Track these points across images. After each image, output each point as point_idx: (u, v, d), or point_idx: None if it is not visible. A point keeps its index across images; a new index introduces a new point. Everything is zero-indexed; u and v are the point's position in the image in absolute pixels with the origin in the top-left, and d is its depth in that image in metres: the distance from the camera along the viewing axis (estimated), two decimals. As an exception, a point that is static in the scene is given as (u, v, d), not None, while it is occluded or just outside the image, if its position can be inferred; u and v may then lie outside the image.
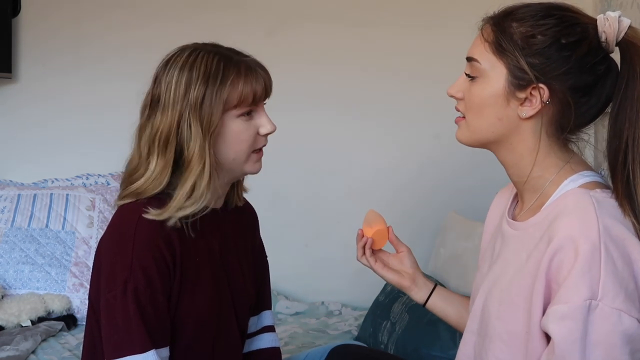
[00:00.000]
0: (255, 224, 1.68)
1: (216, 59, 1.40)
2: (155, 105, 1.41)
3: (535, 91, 1.21)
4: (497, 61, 1.22)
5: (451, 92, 1.30)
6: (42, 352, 2.18)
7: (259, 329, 1.69)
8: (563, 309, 1.09)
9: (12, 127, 2.92)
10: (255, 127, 1.44)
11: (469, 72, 1.26)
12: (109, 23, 2.91)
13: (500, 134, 1.25)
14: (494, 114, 1.24)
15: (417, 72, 2.86)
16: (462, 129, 1.30)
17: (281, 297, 2.80)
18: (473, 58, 1.25)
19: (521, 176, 1.27)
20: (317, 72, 2.91)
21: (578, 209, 1.15)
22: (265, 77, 1.45)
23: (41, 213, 2.68)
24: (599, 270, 1.08)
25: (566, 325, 1.09)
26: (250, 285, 1.60)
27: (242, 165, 1.45)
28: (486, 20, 1.26)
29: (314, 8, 2.93)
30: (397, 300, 2.23)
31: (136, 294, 1.33)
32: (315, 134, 2.91)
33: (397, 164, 2.92)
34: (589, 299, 1.08)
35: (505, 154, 1.27)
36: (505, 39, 1.21)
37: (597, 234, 1.10)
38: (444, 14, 2.76)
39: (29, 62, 2.91)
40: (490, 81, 1.23)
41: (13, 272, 2.53)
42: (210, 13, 2.90)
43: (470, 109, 1.27)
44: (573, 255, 1.10)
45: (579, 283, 1.08)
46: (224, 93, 1.38)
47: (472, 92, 1.26)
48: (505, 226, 1.32)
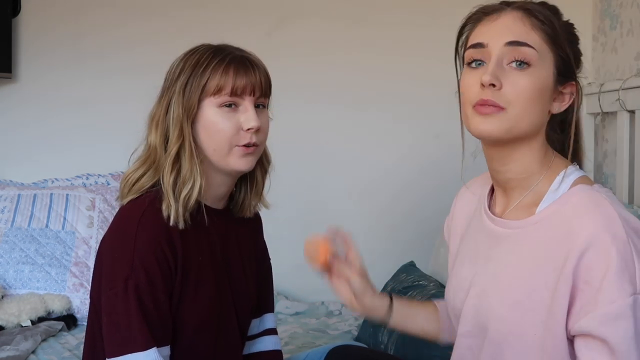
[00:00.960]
0: (259, 227, 1.68)
1: (211, 50, 1.44)
2: (160, 94, 1.48)
3: (570, 87, 1.22)
4: (549, 51, 1.18)
5: (492, 79, 1.15)
6: (42, 352, 2.18)
7: (261, 332, 1.69)
8: (612, 310, 1.08)
9: (12, 127, 2.91)
10: (238, 120, 1.43)
11: (519, 59, 1.16)
12: (109, 23, 2.91)
13: (536, 128, 1.20)
14: (541, 107, 1.19)
15: (418, 71, 2.86)
16: (499, 120, 1.16)
17: (281, 297, 2.80)
18: (527, 44, 1.16)
19: (520, 173, 1.23)
20: (317, 72, 2.91)
21: (596, 206, 1.13)
22: (257, 73, 1.45)
23: (41, 213, 2.68)
24: (633, 264, 1.09)
25: (621, 325, 1.08)
26: (252, 287, 1.59)
27: (224, 158, 1.44)
28: (519, 6, 1.20)
29: (314, 6, 2.94)
30: (397, 300, 2.23)
31: (137, 291, 1.33)
32: (316, 133, 2.91)
33: (398, 164, 2.92)
34: (633, 294, 1.08)
35: (524, 151, 1.21)
36: (555, 30, 1.19)
37: (622, 229, 1.10)
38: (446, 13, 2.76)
39: (29, 61, 2.91)
40: (543, 71, 1.18)
41: (13, 272, 2.53)
42: (210, 10, 2.90)
43: (519, 100, 1.16)
44: (605, 254, 1.09)
45: (621, 280, 1.08)
46: (202, 79, 1.41)
47: (525, 81, 1.16)
48: (490, 225, 1.28)
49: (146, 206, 1.39)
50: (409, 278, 2.35)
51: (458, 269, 1.35)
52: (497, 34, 1.18)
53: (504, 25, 1.18)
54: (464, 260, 1.34)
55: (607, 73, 2.78)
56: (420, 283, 2.28)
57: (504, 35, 1.18)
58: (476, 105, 1.17)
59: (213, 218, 1.48)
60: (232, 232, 1.55)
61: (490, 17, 1.21)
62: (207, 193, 1.46)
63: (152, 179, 1.43)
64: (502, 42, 1.17)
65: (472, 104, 1.18)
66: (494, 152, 1.24)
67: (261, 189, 1.57)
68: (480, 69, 1.19)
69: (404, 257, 2.59)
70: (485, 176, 1.37)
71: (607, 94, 2.59)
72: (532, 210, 1.22)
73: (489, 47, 1.18)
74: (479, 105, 1.17)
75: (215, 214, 1.49)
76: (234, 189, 1.56)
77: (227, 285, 1.51)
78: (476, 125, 1.18)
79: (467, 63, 1.22)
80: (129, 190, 1.44)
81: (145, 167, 1.44)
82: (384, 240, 2.92)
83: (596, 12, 2.89)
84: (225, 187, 1.51)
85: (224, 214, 1.53)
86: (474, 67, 1.20)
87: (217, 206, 1.51)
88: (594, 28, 2.90)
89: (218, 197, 1.51)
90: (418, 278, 2.33)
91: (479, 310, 1.25)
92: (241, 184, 1.56)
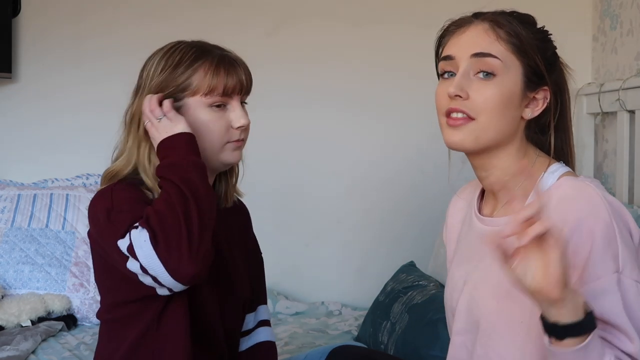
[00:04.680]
0: (248, 222, 1.69)
1: (193, 49, 1.46)
2: (137, 91, 1.50)
3: (543, 92, 1.25)
4: (515, 60, 1.22)
5: (456, 91, 1.21)
6: (42, 352, 2.18)
7: (256, 324, 1.69)
8: (598, 285, 1.11)
9: (12, 127, 2.92)
10: (228, 119, 1.45)
11: (484, 69, 1.21)
12: (109, 22, 2.91)
13: (506, 136, 1.25)
14: (510, 114, 1.23)
15: (417, 70, 2.85)
16: (468, 130, 1.22)
17: (281, 297, 2.80)
18: (491, 54, 1.22)
19: (503, 176, 1.27)
20: (317, 71, 2.91)
21: (580, 193, 1.17)
22: (242, 72, 1.47)
23: (41, 213, 2.68)
24: (616, 245, 1.12)
25: (608, 299, 1.11)
26: (245, 281, 1.60)
27: (217, 155, 1.46)
28: (486, 18, 1.25)
29: (313, 6, 2.94)
30: (397, 300, 2.23)
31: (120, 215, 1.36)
32: (316, 133, 2.91)
33: (397, 164, 2.92)
34: (616, 272, 1.12)
35: (501, 156, 1.26)
36: (521, 40, 1.22)
37: (606, 211, 1.14)
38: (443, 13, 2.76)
39: (29, 61, 2.91)
40: (510, 80, 1.22)
41: (13, 272, 2.53)
42: (210, 11, 2.90)
43: (487, 110, 1.21)
44: (588, 236, 1.12)
45: (604, 258, 1.11)
46: (188, 78, 1.43)
47: (490, 91, 1.21)
48: (480, 225, 1.32)
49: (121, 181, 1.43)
50: (409, 278, 2.35)
51: (454, 271, 1.39)
52: (464, 47, 1.24)
53: (470, 38, 1.24)
54: (459, 262, 1.38)
55: (607, 73, 2.78)
56: (420, 283, 2.28)
57: (470, 47, 1.23)
58: (446, 114, 1.23)
59: None
60: (222, 225, 1.54)
61: (460, 29, 1.26)
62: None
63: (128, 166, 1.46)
64: (468, 54, 1.23)
65: (443, 113, 1.24)
66: (474, 161, 1.29)
67: (237, 175, 1.60)
68: (451, 80, 1.24)
69: (404, 257, 2.59)
70: (475, 182, 1.41)
71: (607, 94, 2.59)
72: (519, 207, 1.24)
73: (457, 59, 1.24)
74: (449, 117, 1.23)
75: None
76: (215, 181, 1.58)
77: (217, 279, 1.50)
78: (448, 137, 1.24)
79: (440, 74, 1.28)
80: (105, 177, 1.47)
81: (123, 164, 1.46)
82: (384, 240, 2.93)
83: (596, 12, 2.89)
84: (211, 180, 1.51)
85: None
86: (446, 78, 1.26)
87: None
88: (594, 28, 2.90)
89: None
90: (418, 278, 2.33)
91: (471, 304, 1.28)
92: (220, 175, 1.57)
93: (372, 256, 2.93)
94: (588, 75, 2.88)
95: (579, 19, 2.91)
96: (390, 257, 2.76)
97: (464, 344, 1.31)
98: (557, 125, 1.28)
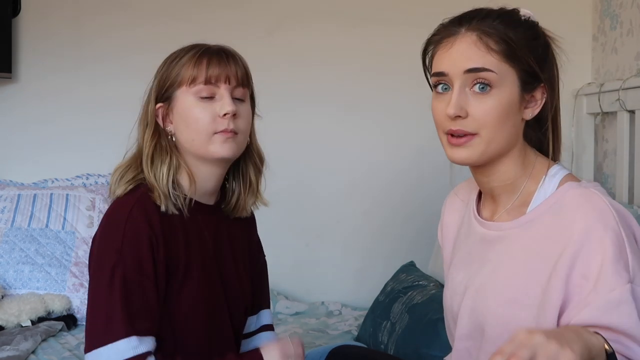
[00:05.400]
0: (252, 224, 1.68)
1: (188, 47, 1.48)
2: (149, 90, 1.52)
3: (540, 90, 1.24)
4: (509, 68, 1.20)
5: (455, 112, 1.19)
6: (42, 352, 2.18)
7: (258, 328, 1.69)
8: (613, 297, 1.10)
9: (12, 127, 2.92)
10: (214, 109, 1.45)
11: (480, 81, 1.20)
12: (109, 23, 2.91)
13: (510, 142, 1.24)
14: (512, 121, 1.22)
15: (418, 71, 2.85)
16: (472, 147, 1.21)
17: (281, 297, 2.80)
18: (485, 68, 1.19)
19: (504, 180, 1.26)
20: (317, 72, 2.92)
21: (587, 201, 1.16)
22: (232, 63, 1.47)
23: (41, 213, 2.68)
24: (626, 254, 1.12)
25: (624, 310, 1.10)
26: (245, 285, 1.59)
27: (205, 146, 1.44)
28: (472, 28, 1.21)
29: (313, 8, 2.94)
30: (397, 300, 2.23)
31: (124, 279, 1.34)
32: (316, 133, 2.92)
33: (397, 164, 2.92)
34: (629, 282, 1.11)
35: (504, 161, 1.25)
36: (514, 45, 1.20)
37: (614, 220, 1.14)
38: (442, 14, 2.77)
39: (29, 62, 2.91)
40: (507, 89, 1.20)
41: (13, 272, 2.53)
42: (210, 12, 2.90)
43: (488, 124, 1.20)
44: (600, 246, 1.12)
45: (617, 268, 1.11)
46: (176, 70, 1.45)
47: (489, 104, 1.20)
48: (481, 229, 1.30)
49: (136, 200, 1.41)
50: (409, 278, 2.35)
51: (453, 275, 1.37)
52: (455, 62, 1.21)
53: (460, 53, 1.21)
54: (459, 266, 1.36)
55: (607, 73, 2.78)
56: (420, 283, 2.28)
57: (462, 62, 1.21)
58: (447, 135, 1.22)
59: (204, 214, 1.49)
60: (224, 230, 1.55)
61: (447, 41, 1.23)
62: (195, 188, 1.47)
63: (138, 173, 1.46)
64: (461, 70, 1.21)
65: (444, 132, 1.23)
66: (475, 168, 1.28)
67: (256, 188, 1.58)
68: (447, 94, 1.23)
69: (404, 257, 2.59)
70: (471, 181, 1.39)
71: (607, 94, 2.59)
72: (522, 211, 1.25)
73: (450, 75, 1.22)
74: (450, 137, 1.22)
75: (206, 211, 1.50)
76: (226, 186, 1.56)
77: (219, 281, 1.51)
78: (451, 154, 1.23)
79: (434, 85, 1.26)
80: (116, 182, 1.46)
81: (131, 161, 1.48)
82: (384, 240, 2.93)
83: (596, 12, 2.89)
84: (213, 181, 1.50)
85: (215, 211, 1.53)
86: (441, 92, 1.24)
87: (208, 202, 1.52)
88: (594, 28, 2.90)
89: (207, 191, 1.51)
90: (418, 278, 2.33)
91: (475, 310, 1.26)
92: (234, 183, 1.56)
93: (372, 256, 2.93)
94: (588, 75, 2.88)
95: (579, 19, 2.91)
96: (390, 257, 2.77)
97: (467, 350, 1.30)
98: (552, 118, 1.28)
